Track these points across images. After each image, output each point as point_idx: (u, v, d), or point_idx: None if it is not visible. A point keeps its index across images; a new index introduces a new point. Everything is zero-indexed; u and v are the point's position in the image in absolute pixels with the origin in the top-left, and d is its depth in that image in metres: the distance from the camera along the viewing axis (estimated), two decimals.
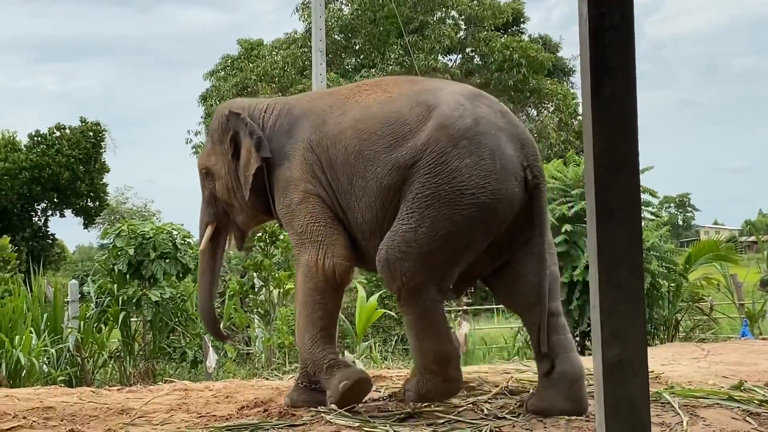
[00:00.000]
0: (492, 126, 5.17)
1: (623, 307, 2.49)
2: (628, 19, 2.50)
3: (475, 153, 5.05)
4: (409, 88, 5.54)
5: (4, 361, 8.56)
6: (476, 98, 5.41)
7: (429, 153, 5.10)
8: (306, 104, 5.93)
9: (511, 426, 4.77)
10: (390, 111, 5.37)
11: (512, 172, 5.06)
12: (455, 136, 5.09)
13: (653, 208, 12.71)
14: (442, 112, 5.20)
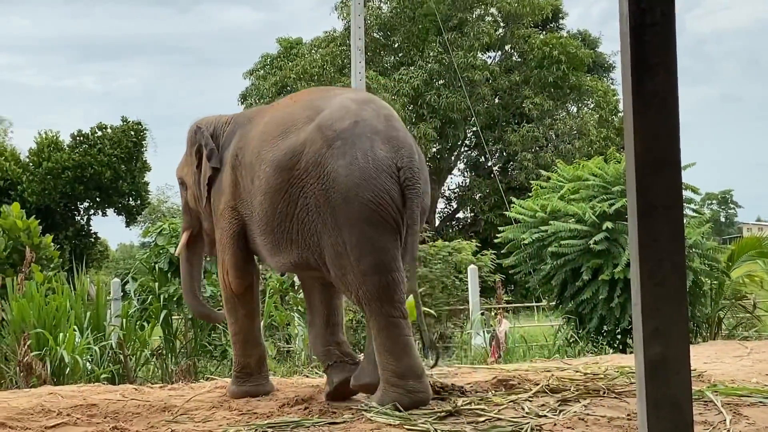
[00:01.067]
0: (369, 129, 5.39)
1: (665, 305, 2.47)
2: (669, 16, 2.48)
3: (348, 153, 5.28)
4: (316, 95, 5.93)
5: (49, 359, 8.64)
6: (365, 103, 5.65)
7: (306, 154, 5.38)
8: (248, 114, 6.43)
9: (552, 424, 4.75)
10: (287, 114, 5.73)
11: (385, 171, 5.28)
12: (330, 137, 5.35)
13: (695, 205, 12.63)
14: (324, 115, 5.48)
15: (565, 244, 10.94)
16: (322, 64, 30.80)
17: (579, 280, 10.98)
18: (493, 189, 29.39)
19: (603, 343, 10.87)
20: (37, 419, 5.56)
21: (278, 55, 34.05)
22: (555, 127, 30.75)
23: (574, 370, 6.58)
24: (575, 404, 5.23)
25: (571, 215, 11.15)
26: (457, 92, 29.10)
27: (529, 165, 29.21)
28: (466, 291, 14.00)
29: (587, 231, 10.89)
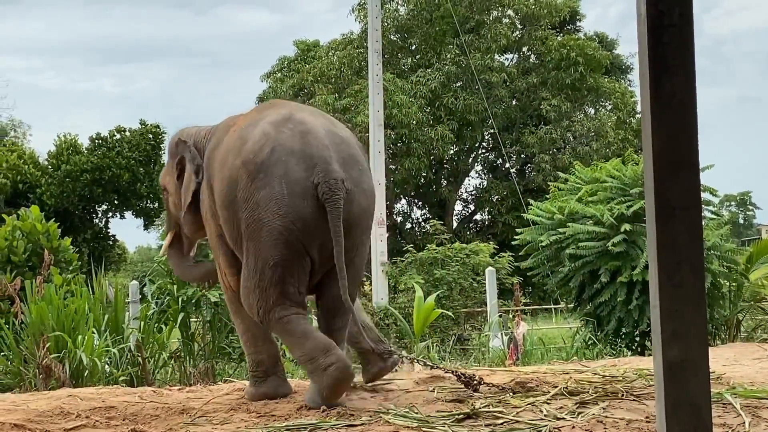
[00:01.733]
0: (284, 152, 5.71)
1: (684, 307, 2.46)
2: (687, 17, 2.47)
3: (268, 184, 5.66)
4: (253, 118, 6.18)
5: (67, 361, 8.66)
6: (283, 123, 5.92)
7: (238, 190, 5.76)
8: (224, 127, 6.56)
9: (570, 427, 4.74)
10: (233, 139, 6.04)
11: (300, 194, 5.61)
12: (253, 171, 5.72)
13: (713, 206, 12.58)
14: (246, 148, 5.84)
15: (583, 246, 10.91)
16: (339, 66, 30.82)
17: (597, 282, 10.95)
18: (511, 191, 29.35)
19: (621, 346, 10.84)
20: (56, 421, 5.58)
21: (295, 58, 34.11)
22: (572, 129, 30.69)
23: (593, 373, 6.57)
24: (593, 407, 5.22)
25: (589, 217, 11.12)
26: (474, 94, 29.10)
27: (547, 167, 29.16)
28: (483, 293, 14.01)
29: (605, 233, 10.86)
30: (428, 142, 28.99)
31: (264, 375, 6.38)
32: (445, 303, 13.76)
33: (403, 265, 15.95)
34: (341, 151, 5.78)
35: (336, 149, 5.77)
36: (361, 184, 5.79)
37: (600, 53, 31.35)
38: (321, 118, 6.13)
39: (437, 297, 12.22)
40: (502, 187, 31.12)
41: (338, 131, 5.99)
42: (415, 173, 29.90)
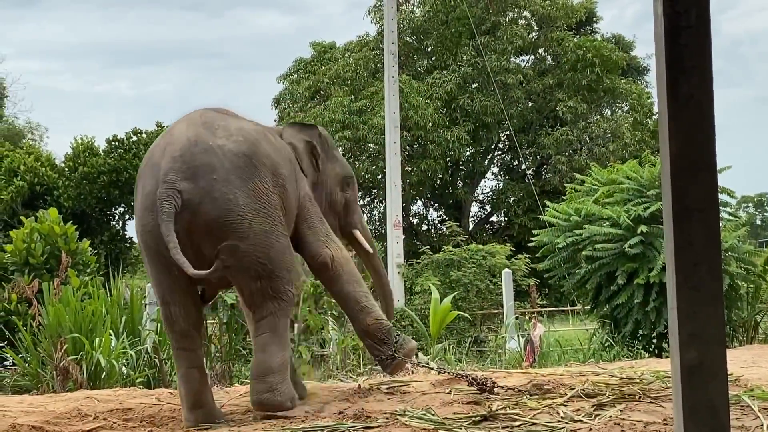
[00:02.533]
0: (148, 165, 5.88)
1: (701, 309, 2.45)
2: (704, 18, 2.46)
3: (136, 198, 5.96)
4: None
5: (85, 363, 8.69)
6: (162, 136, 6.15)
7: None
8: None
9: (587, 429, 4.73)
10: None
11: (148, 207, 5.68)
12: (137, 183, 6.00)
13: (731, 208, 12.55)
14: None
15: (599, 247, 10.90)
16: (355, 68, 30.81)
17: (614, 284, 10.94)
18: (527, 192, 29.28)
19: (638, 347, 10.82)
20: (73, 423, 5.61)
21: (311, 60, 34.10)
22: (589, 130, 30.59)
23: (610, 375, 6.56)
24: (611, 409, 5.21)
25: (606, 219, 11.10)
26: (490, 96, 29.05)
27: (563, 168, 29.08)
28: (500, 295, 13.99)
29: (622, 234, 10.85)
30: (444, 144, 28.95)
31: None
32: (461, 305, 13.74)
33: (419, 266, 15.94)
34: (195, 160, 5.67)
35: (188, 159, 5.68)
36: (211, 193, 5.64)
37: (616, 54, 31.24)
38: (199, 127, 5.92)
39: (453, 299, 12.22)
40: (518, 189, 31.05)
41: (209, 140, 5.80)
42: (431, 175, 29.86)
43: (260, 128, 6.30)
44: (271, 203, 5.85)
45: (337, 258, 6.33)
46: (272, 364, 5.70)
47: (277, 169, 5.98)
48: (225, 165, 5.73)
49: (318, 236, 6.35)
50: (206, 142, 5.79)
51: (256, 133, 6.10)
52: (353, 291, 6.36)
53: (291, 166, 6.28)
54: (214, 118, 6.06)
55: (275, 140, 6.33)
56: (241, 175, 5.75)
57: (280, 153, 6.20)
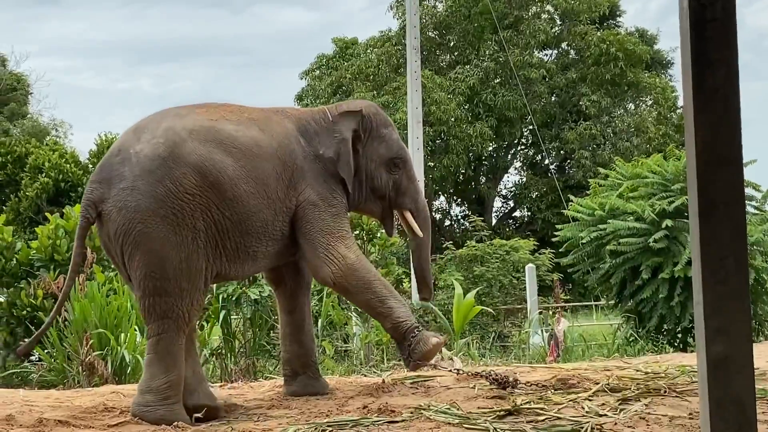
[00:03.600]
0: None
1: (728, 303, 2.45)
2: (729, 11, 2.45)
3: None
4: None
5: (110, 359, 8.73)
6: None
7: None
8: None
9: (612, 423, 4.72)
10: None
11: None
12: None
13: (757, 202, 12.48)
14: None
15: (624, 242, 10.87)
16: (377, 63, 30.83)
17: (638, 278, 10.91)
18: (551, 187, 29.23)
19: (663, 342, 10.79)
20: (99, 418, 5.64)
21: (334, 56, 34.13)
22: (613, 125, 30.51)
23: (635, 369, 6.55)
24: (636, 403, 5.20)
25: (630, 213, 11.07)
26: (513, 90, 29.01)
27: (587, 163, 29.02)
28: (523, 290, 13.98)
29: (646, 229, 10.82)
30: (467, 139, 28.93)
31: (292, 374, 6.40)
32: (484, 300, 13.73)
33: (442, 262, 15.94)
34: (111, 171, 5.62)
35: (106, 170, 5.67)
36: (117, 203, 5.52)
37: (640, 48, 31.12)
38: (130, 133, 5.85)
39: (477, 294, 12.21)
40: (541, 184, 31.01)
41: (130, 147, 5.67)
42: (454, 170, 29.87)
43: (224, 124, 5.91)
44: (185, 208, 5.55)
45: (337, 274, 5.99)
46: (152, 385, 5.53)
47: (209, 168, 5.63)
48: (135, 171, 5.54)
49: (316, 251, 6.01)
50: (127, 149, 5.66)
51: (195, 131, 5.75)
52: (365, 300, 6.18)
53: (270, 166, 5.92)
54: (155, 119, 5.90)
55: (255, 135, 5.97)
56: (150, 179, 5.52)
57: (242, 149, 5.83)
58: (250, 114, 6.16)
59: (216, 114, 5.97)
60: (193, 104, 6.18)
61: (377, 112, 6.62)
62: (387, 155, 6.47)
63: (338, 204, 6.21)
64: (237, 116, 6.05)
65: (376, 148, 6.45)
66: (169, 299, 5.53)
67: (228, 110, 6.11)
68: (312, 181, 6.13)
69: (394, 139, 6.55)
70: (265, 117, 6.20)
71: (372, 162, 6.44)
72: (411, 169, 6.68)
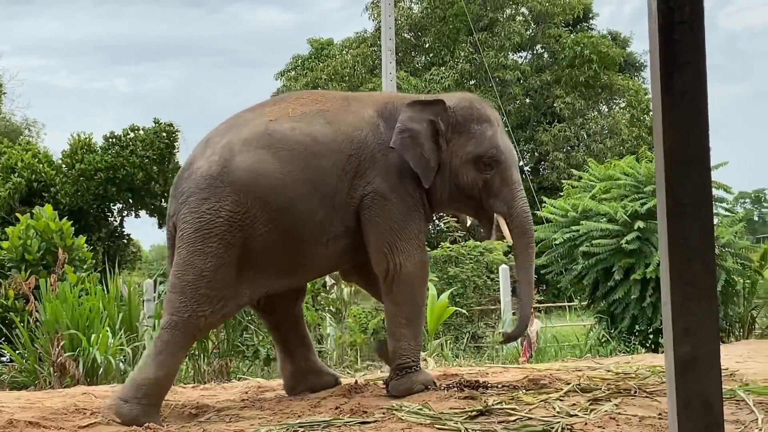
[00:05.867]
0: None
1: (695, 304, 2.46)
2: (698, 14, 2.47)
3: None
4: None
5: (82, 360, 8.70)
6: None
7: None
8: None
9: (583, 423, 4.74)
10: None
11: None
12: None
13: (727, 204, 12.56)
14: None
15: (596, 243, 10.92)
16: (353, 64, 30.86)
17: (611, 279, 10.96)
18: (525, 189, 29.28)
19: (635, 343, 10.84)
20: (70, 419, 5.61)
21: (309, 56, 34.13)
22: (586, 127, 30.64)
23: (606, 370, 6.58)
24: (606, 403, 5.22)
25: (603, 215, 11.12)
26: (488, 92, 29.06)
27: (561, 164, 29.13)
28: (497, 291, 14.00)
29: (619, 230, 10.87)
30: None
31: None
32: (458, 301, 13.75)
33: None
34: (178, 186, 6.01)
35: (178, 183, 6.04)
36: (178, 221, 5.87)
37: (614, 51, 31.28)
38: (200, 145, 6.10)
39: (451, 295, 12.23)
40: None
41: (196, 162, 5.96)
42: None
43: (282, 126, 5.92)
44: (223, 225, 5.70)
45: (393, 272, 5.90)
46: (137, 376, 5.67)
47: (252, 185, 5.74)
48: (191, 189, 5.81)
49: (380, 243, 5.90)
50: (192, 164, 5.94)
51: (248, 140, 5.84)
52: (392, 311, 6.04)
53: (328, 162, 5.86)
54: (222, 130, 6.07)
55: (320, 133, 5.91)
56: (200, 196, 5.78)
57: (295, 150, 5.82)
58: (326, 104, 6.10)
59: (282, 110, 6.02)
60: (277, 96, 6.47)
61: (470, 106, 6.22)
62: (475, 152, 6.07)
63: (410, 199, 6.00)
64: (305, 109, 6.03)
65: (463, 144, 6.10)
66: (184, 299, 5.69)
67: (302, 102, 6.12)
68: (383, 170, 5.95)
69: (486, 137, 6.11)
70: (341, 106, 6.11)
71: (457, 158, 6.08)
72: (507, 170, 6.18)
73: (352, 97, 6.34)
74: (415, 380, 5.88)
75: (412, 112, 6.01)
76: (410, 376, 5.90)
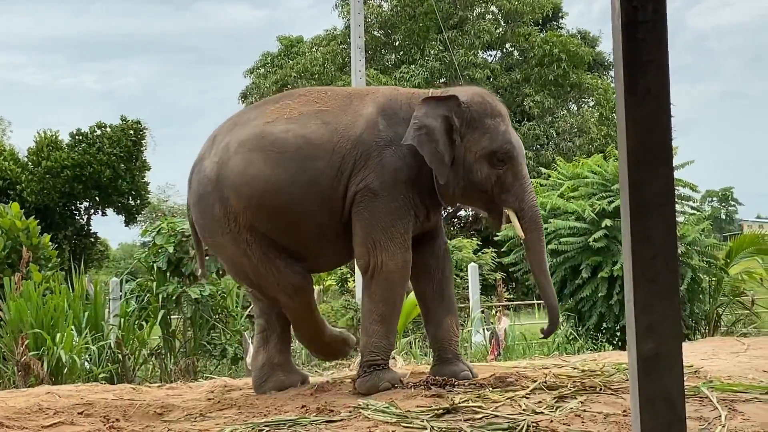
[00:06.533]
0: None
1: (658, 302, 2.47)
2: (661, 13, 2.48)
3: None
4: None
5: (46, 359, 8.64)
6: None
7: None
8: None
9: (548, 421, 4.75)
10: None
11: None
12: None
13: (694, 202, 12.63)
14: None
15: (564, 241, 10.96)
16: (322, 62, 30.82)
17: (578, 277, 11.00)
18: None
19: (602, 340, 10.89)
20: (34, 419, 5.56)
21: (279, 54, 34.08)
22: (556, 125, 30.76)
23: (572, 367, 6.60)
24: (572, 401, 5.23)
25: (571, 213, 11.17)
26: None
27: (530, 163, 29.19)
28: (466, 289, 14.03)
29: (586, 228, 10.91)
30: None
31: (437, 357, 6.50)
32: None
33: None
34: (191, 180, 6.34)
35: (190, 178, 6.36)
36: (194, 214, 6.33)
37: (583, 50, 31.43)
38: (209, 142, 6.35)
39: None
40: None
41: (204, 160, 6.25)
42: None
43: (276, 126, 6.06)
44: (234, 227, 6.03)
45: (373, 269, 5.94)
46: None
47: (244, 187, 5.94)
48: (199, 191, 6.16)
49: (364, 239, 5.94)
50: (201, 162, 6.23)
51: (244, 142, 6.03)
52: (367, 307, 6.07)
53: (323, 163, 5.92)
54: (226, 127, 6.30)
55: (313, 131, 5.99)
56: (207, 201, 6.11)
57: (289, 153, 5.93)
58: (326, 103, 6.15)
59: (281, 111, 6.12)
60: (280, 95, 6.67)
61: (483, 101, 6.13)
62: (489, 148, 5.99)
63: (401, 199, 5.97)
64: (304, 109, 6.10)
65: (477, 140, 6.02)
66: (272, 295, 6.27)
67: (303, 101, 6.19)
68: (377, 167, 5.94)
69: (499, 132, 6.03)
70: (341, 105, 6.13)
71: (471, 153, 6.01)
72: (519, 165, 6.09)
73: (356, 94, 6.32)
74: (381, 378, 5.89)
75: (427, 108, 5.98)
76: (377, 374, 5.91)
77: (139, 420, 5.54)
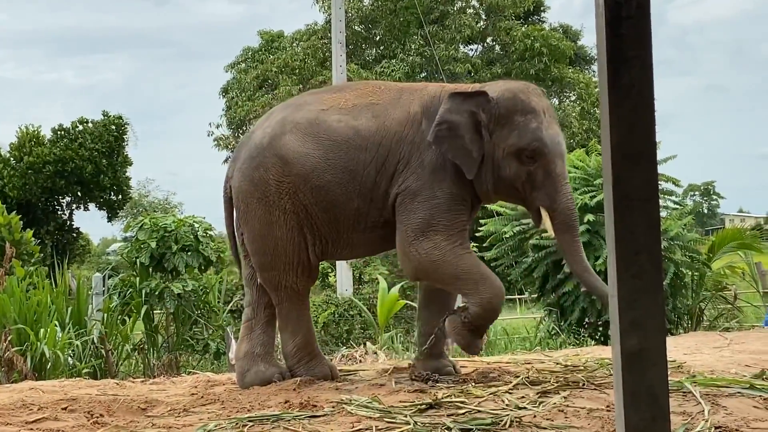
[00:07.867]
0: None
1: (642, 297, 2.48)
2: (644, 8, 2.49)
3: None
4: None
5: (30, 354, 8.62)
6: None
7: None
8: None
9: (531, 416, 4.76)
10: None
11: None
12: None
13: (676, 197, 12.67)
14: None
15: (546, 236, 10.94)
16: (303, 57, 30.79)
17: (560, 272, 11.02)
18: None
19: (585, 335, 10.91)
20: (17, 414, 5.54)
21: (260, 48, 34.00)
22: None
23: (555, 362, 6.60)
24: (555, 396, 5.25)
25: None
26: None
27: None
28: None
29: None
30: None
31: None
32: (410, 293, 13.76)
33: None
34: (239, 150, 6.44)
35: (238, 148, 6.52)
36: (235, 181, 6.30)
37: (564, 44, 31.50)
38: (263, 119, 6.53)
39: (402, 288, 12.25)
40: None
41: (253, 133, 6.39)
42: None
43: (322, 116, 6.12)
44: (274, 192, 6.08)
45: (419, 270, 5.94)
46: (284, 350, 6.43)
47: (294, 159, 6.03)
48: (245, 155, 6.24)
49: (402, 245, 5.89)
50: (253, 133, 6.38)
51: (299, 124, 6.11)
52: (454, 289, 6.13)
53: (368, 156, 5.96)
54: (283, 107, 6.46)
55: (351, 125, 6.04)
56: (251, 164, 6.17)
57: (338, 141, 6.00)
58: (379, 97, 6.18)
59: (336, 100, 6.23)
60: (340, 84, 6.85)
61: (514, 97, 5.98)
62: (518, 144, 5.84)
63: (443, 195, 5.88)
64: (358, 101, 6.17)
65: (506, 136, 5.90)
66: (275, 273, 6.18)
67: (357, 94, 6.27)
68: (417, 168, 5.92)
69: (530, 129, 5.86)
70: (391, 100, 6.15)
71: (500, 150, 5.89)
72: (551, 163, 5.89)
73: (407, 89, 6.30)
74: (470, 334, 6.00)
75: (452, 103, 5.93)
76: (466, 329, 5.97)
77: (123, 415, 5.53)
